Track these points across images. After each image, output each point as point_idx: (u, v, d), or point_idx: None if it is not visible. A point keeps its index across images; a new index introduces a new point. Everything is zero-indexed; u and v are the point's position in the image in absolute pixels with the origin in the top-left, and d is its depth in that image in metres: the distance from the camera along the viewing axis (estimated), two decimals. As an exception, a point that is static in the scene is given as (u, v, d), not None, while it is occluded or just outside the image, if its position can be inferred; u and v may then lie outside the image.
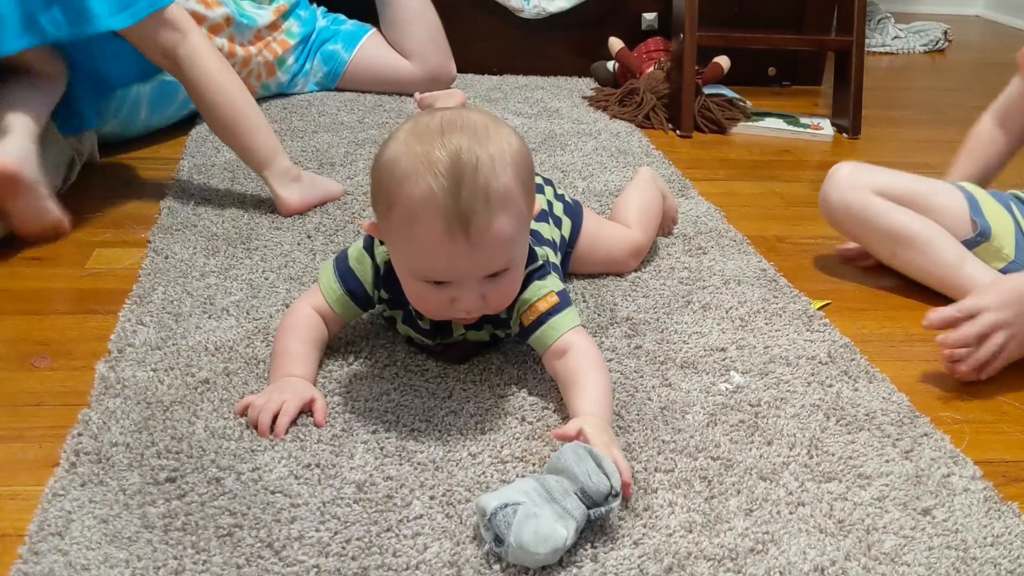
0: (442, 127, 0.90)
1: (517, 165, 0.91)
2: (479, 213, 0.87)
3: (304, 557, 0.78)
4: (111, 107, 1.69)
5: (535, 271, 1.02)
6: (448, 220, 0.87)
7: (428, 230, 0.88)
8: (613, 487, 0.80)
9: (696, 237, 1.47)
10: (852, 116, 2.10)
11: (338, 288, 1.05)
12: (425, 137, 0.89)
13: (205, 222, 1.43)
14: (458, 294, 0.93)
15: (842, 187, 1.35)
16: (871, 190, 1.33)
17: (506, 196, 0.89)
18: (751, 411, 1.02)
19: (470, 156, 0.88)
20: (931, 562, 0.82)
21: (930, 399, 1.09)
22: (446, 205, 0.87)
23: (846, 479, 0.92)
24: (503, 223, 0.89)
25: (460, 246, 0.89)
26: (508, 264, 0.94)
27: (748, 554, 0.82)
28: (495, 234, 0.89)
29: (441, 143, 0.88)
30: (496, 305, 0.96)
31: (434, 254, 0.90)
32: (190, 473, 0.87)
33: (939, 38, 3.23)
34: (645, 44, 2.30)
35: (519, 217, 0.92)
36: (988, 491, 0.91)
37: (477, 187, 0.87)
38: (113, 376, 1.02)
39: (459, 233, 0.88)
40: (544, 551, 0.76)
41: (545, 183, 1.26)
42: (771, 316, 1.23)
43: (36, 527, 0.80)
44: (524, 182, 0.92)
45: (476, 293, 0.94)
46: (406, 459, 0.91)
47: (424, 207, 0.88)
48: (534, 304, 1.01)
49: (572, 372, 0.97)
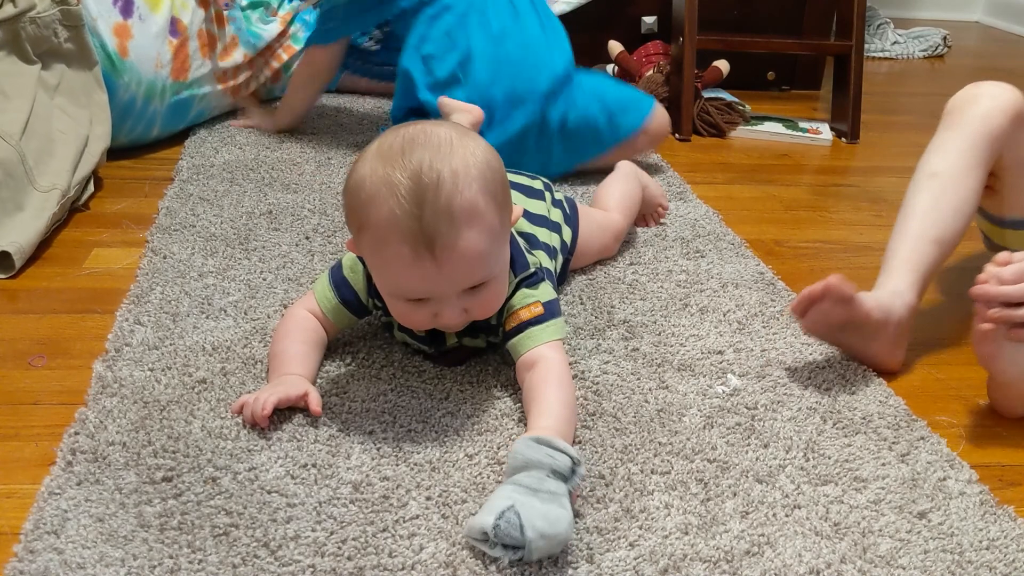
0: (403, 147, 0.89)
1: (484, 179, 0.90)
2: (443, 232, 0.87)
3: (300, 557, 0.78)
4: (126, 125, 1.70)
5: (525, 279, 1.02)
6: (414, 242, 0.87)
7: (396, 252, 0.89)
8: (573, 458, 0.81)
9: (694, 240, 1.47)
10: (851, 120, 2.11)
11: (333, 297, 1.05)
12: (388, 157, 0.89)
13: (203, 223, 1.43)
14: (439, 309, 0.94)
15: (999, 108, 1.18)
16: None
17: (472, 212, 0.88)
18: (748, 414, 1.02)
19: (431, 174, 0.87)
20: (927, 565, 0.82)
21: (927, 403, 1.09)
22: (410, 227, 0.87)
23: (842, 482, 0.92)
24: (471, 239, 0.89)
25: (428, 266, 0.89)
26: (485, 278, 0.93)
27: (744, 556, 0.82)
28: (462, 251, 0.89)
29: (403, 163, 0.88)
30: (480, 315, 0.97)
31: (406, 275, 0.91)
32: (186, 472, 0.87)
33: (938, 44, 3.23)
34: (644, 47, 2.30)
35: (490, 230, 0.91)
36: (984, 495, 0.91)
37: (439, 206, 0.87)
38: (110, 375, 1.02)
39: (425, 253, 0.88)
40: (563, 529, 0.77)
41: (545, 188, 1.26)
42: (768, 319, 1.23)
43: (32, 525, 0.80)
44: (494, 194, 0.91)
45: (457, 308, 0.94)
46: (402, 460, 0.91)
47: (389, 230, 0.88)
48: (517, 311, 1.01)
49: (535, 386, 0.95)
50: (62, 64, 1.51)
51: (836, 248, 1.49)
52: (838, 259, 1.47)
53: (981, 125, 1.17)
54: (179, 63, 1.76)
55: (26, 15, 1.44)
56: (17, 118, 1.38)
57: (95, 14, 1.63)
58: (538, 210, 1.20)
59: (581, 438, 0.96)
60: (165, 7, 1.75)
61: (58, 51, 1.50)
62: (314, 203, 1.53)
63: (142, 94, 1.71)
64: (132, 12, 1.70)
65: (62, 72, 1.51)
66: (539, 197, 1.23)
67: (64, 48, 1.50)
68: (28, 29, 1.44)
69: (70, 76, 1.52)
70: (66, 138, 1.46)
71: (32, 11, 1.44)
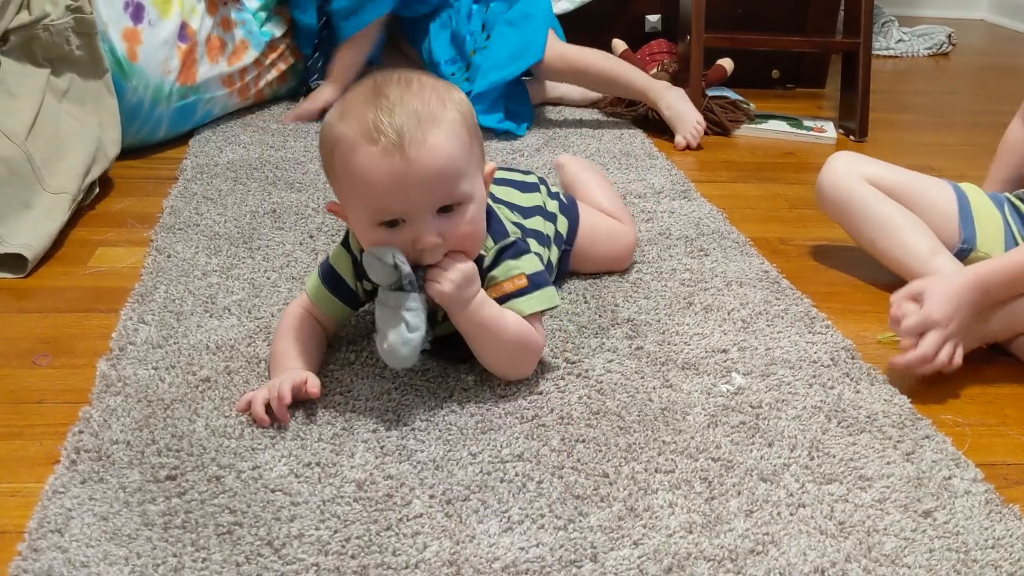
0: (374, 79, 0.95)
1: (453, 100, 0.94)
2: (412, 128, 0.90)
3: (304, 555, 0.78)
4: (133, 127, 1.70)
5: (507, 248, 1.02)
6: (385, 140, 0.89)
7: (366, 154, 0.91)
8: (396, 263, 0.93)
9: (698, 239, 1.47)
10: (859, 118, 2.10)
11: (322, 288, 1.05)
12: (361, 89, 0.95)
13: (207, 221, 1.43)
14: (416, 233, 0.93)
15: (835, 173, 1.38)
16: (863, 178, 1.35)
17: (440, 117, 0.92)
18: (752, 412, 1.02)
19: (398, 89, 0.92)
20: (932, 564, 0.82)
21: (932, 401, 1.08)
22: (378, 125, 0.90)
23: (847, 481, 0.92)
24: (440, 138, 0.91)
25: (398, 164, 0.90)
26: (459, 197, 0.94)
27: (748, 555, 0.81)
28: (431, 149, 0.90)
29: (372, 94, 0.93)
30: (456, 243, 0.96)
31: (377, 180, 0.91)
32: (190, 471, 0.87)
33: (943, 42, 3.22)
34: (648, 46, 2.30)
35: (459, 139, 0.93)
36: (989, 494, 0.91)
37: (409, 108, 0.90)
38: (114, 374, 1.02)
39: (395, 151, 0.89)
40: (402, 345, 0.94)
41: (540, 182, 1.26)
42: (773, 318, 1.23)
43: (36, 524, 0.80)
44: (463, 115, 0.94)
45: (432, 229, 0.94)
46: (406, 458, 0.91)
47: (359, 134, 0.91)
48: (501, 283, 1.01)
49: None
50: (72, 71, 1.52)
51: (841, 247, 1.48)
52: (843, 258, 1.46)
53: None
54: (187, 68, 1.77)
55: (40, 22, 1.45)
56: (23, 118, 1.38)
57: (105, 19, 1.64)
58: (532, 202, 1.20)
59: (585, 437, 0.96)
60: (175, 13, 1.75)
61: (69, 58, 1.51)
62: (318, 202, 1.53)
63: (149, 97, 1.71)
64: (142, 17, 1.70)
65: (72, 79, 1.52)
66: (533, 190, 1.23)
67: (75, 55, 1.51)
68: (41, 36, 1.45)
69: (80, 83, 1.53)
70: (76, 141, 1.46)
71: (46, 19, 1.45)
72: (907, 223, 1.32)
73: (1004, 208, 1.33)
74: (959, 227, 1.32)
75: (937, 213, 1.33)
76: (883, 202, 1.33)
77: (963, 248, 1.31)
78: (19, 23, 1.42)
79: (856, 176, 1.35)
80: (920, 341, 1.07)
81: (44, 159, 1.37)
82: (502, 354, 1.02)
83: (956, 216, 1.32)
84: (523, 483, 0.88)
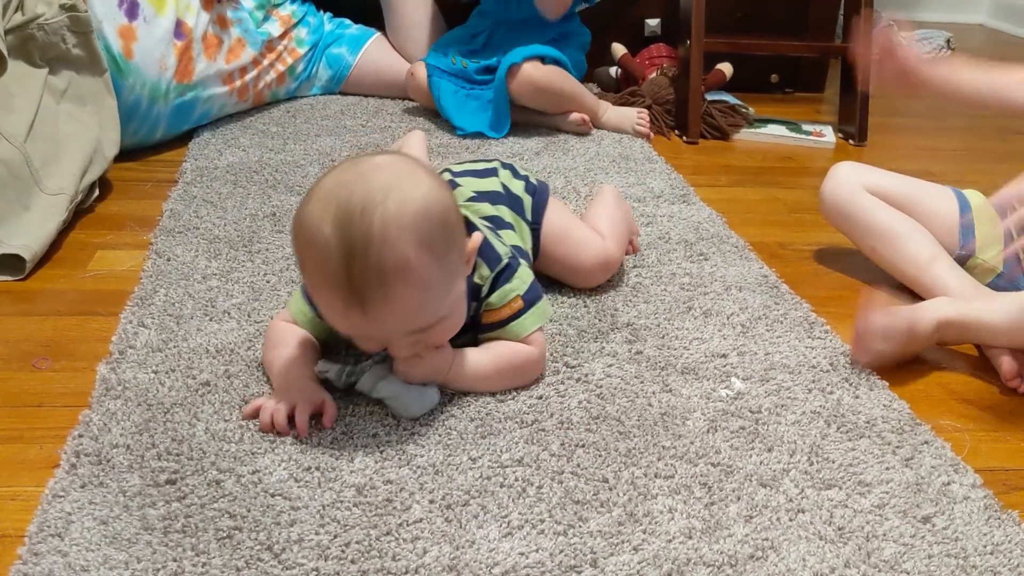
0: (339, 192, 0.87)
1: (419, 230, 0.86)
2: (373, 289, 0.86)
3: (303, 560, 0.78)
4: (131, 127, 1.70)
5: (501, 272, 1.02)
6: (344, 297, 0.87)
7: (328, 303, 0.90)
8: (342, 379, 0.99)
9: (697, 243, 1.47)
10: (858, 122, 2.10)
11: (308, 311, 1.04)
12: (325, 203, 0.87)
13: (207, 225, 1.43)
14: (388, 346, 0.95)
15: (838, 183, 1.38)
16: (864, 187, 1.36)
17: (404, 268, 0.86)
18: (752, 417, 1.02)
19: (361, 228, 0.85)
20: (931, 570, 0.82)
21: (931, 407, 1.09)
22: (339, 283, 0.86)
23: (846, 486, 0.92)
24: (402, 295, 0.87)
25: (359, 320, 0.89)
26: (428, 323, 0.93)
27: (748, 560, 0.81)
28: (393, 307, 0.88)
29: (334, 215, 0.85)
30: (435, 343, 0.97)
31: (342, 323, 0.92)
32: (190, 475, 0.87)
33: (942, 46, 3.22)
34: (648, 50, 2.30)
35: (425, 283, 0.88)
36: (988, 499, 0.91)
37: (368, 264, 0.85)
38: (114, 378, 1.02)
39: (356, 309, 0.87)
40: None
41: (502, 167, 1.24)
42: (772, 323, 1.23)
43: (36, 528, 0.80)
44: (430, 245, 0.88)
45: (405, 344, 0.94)
46: (406, 463, 0.91)
47: (321, 281, 0.89)
48: (499, 310, 1.02)
49: (493, 345, 1.03)
50: (71, 70, 1.52)
51: (840, 251, 1.48)
52: (842, 262, 1.47)
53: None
54: (183, 65, 1.77)
55: (34, 22, 1.44)
56: (22, 119, 1.38)
57: (100, 16, 1.64)
58: (490, 187, 1.19)
59: (585, 441, 0.96)
60: (170, 9, 1.75)
61: (66, 57, 1.51)
62: (318, 205, 1.53)
63: (147, 96, 1.71)
64: (137, 14, 1.70)
65: (70, 78, 1.52)
66: (491, 175, 1.21)
67: (72, 54, 1.51)
68: (37, 36, 1.45)
69: (78, 82, 1.53)
70: (74, 142, 1.46)
71: (40, 18, 1.45)
72: (906, 230, 1.32)
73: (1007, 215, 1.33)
74: (959, 233, 1.33)
75: (938, 219, 1.33)
76: (884, 210, 1.34)
77: (962, 254, 1.32)
78: (13, 24, 1.42)
79: (858, 186, 1.36)
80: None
81: (42, 161, 1.37)
82: (501, 385, 1.03)
83: (957, 218, 1.33)
84: (523, 488, 0.88)
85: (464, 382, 1.01)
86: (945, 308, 1.18)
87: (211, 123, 1.90)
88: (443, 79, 1.99)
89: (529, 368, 1.04)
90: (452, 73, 2.00)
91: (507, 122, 1.94)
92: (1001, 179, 1.47)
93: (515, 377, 1.04)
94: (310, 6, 2.12)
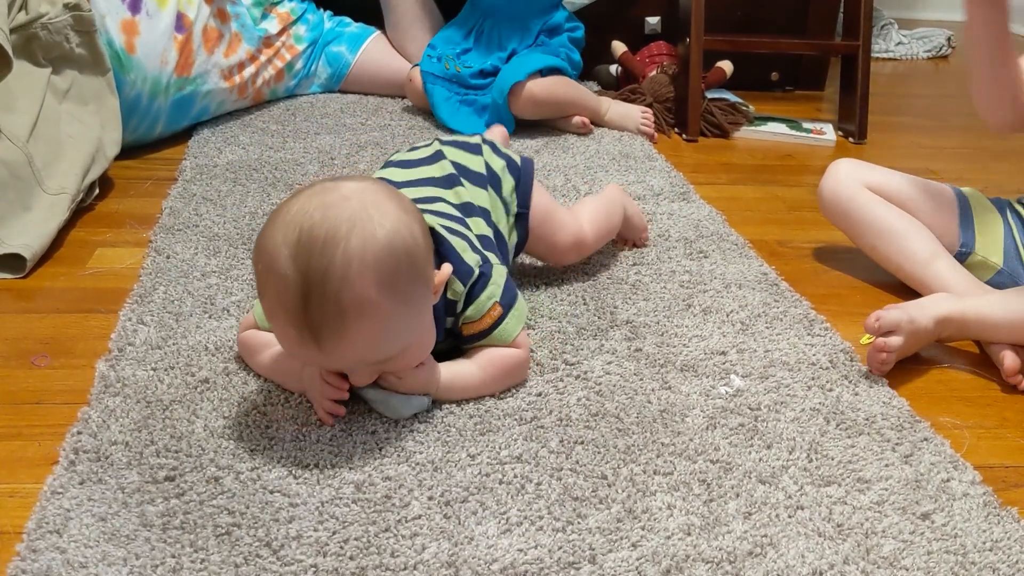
0: (302, 223, 0.85)
1: (380, 268, 0.84)
2: (329, 327, 0.84)
3: (302, 556, 0.78)
4: (131, 122, 1.70)
5: (475, 283, 1.00)
6: (299, 331, 0.85)
7: (283, 332, 0.88)
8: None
9: (697, 241, 1.47)
10: (858, 121, 2.10)
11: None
12: (288, 234, 0.85)
13: (207, 222, 1.43)
14: (348, 374, 0.94)
15: (837, 181, 1.39)
16: (864, 185, 1.36)
17: (361, 306, 0.84)
18: (751, 415, 1.02)
19: (320, 263, 0.83)
20: (930, 566, 0.82)
21: (930, 404, 1.09)
22: (295, 315, 0.84)
23: (845, 483, 0.92)
24: (359, 331, 0.85)
25: (314, 353, 0.87)
26: (389, 356, 0.91)
27: (746, 557, 0.81)
28: (350, 344, 0.86)
29: (295, 246, 0.84)
30: (399, 371, 0.95)
31: (297, 354, 0.91)
32: (189, 472, 0.87)
33: (942, 44, 3.23)
34: (648, 48, 2.30)
35: (384, 321, 0.86)
36: (987, 496, 0.91)
37: (326, 302, 0.83)
38: (113, 375, 1.02)
39: (311, 343, 0.86)
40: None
41: (483, 142, 1.23)
42: (772, 320, 1.23)
43: (34, 525, 0.80)
44: (392, 283, 0.85)
45: (364, 374, 0.93)
46: (405, 459, 0.91)
47: (277, 310, 0.86)
48: (478, 321, 1.01)
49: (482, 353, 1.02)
50: (74, 70, 1.52)
51: (839, 249, 1.48)
52: (841, 260, 1.47)
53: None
54: (183, 59, 1.76)
55: (38, 21, 1.44)
56: (25, 120, 1.38)
57: (103, 11, 1.64)
58: (476, 167, 1.18)
59: (584, 438, 0.96)
60: (172, 3, 1.75)
61: (70, 56, 1.51)
62: (317, 203, 1.53)
63: (147, 91, 1.71)
64: (140, 8, 1.70)
65: (73, 77, 1.52)
66: (476, 152, 1.20)
67: (76, 53, 1.51)
68: (40, 35, 1.45)
69: (81, 81, 1.53)
70: (75, 142, 1.46)
71: (44, 17, 1.45)
72: (906, 228, 1.33)
73: (1006, 212, 1.34)
74: (959, 231, 1.33)
75: (938, 217, 1.34)
76: (883, 208, 1.34)
77: (962, 251, 1.32)
78: (17, 23, 1.42)
79: (857, 183, 1.36)
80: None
81: (44, 161, 1.38)
82: (491, 391, 1.03)
83: (956, 216, 1.33)
84: (522, 485, 0.88)
85: (455, 395, 1.00)
86: (945, 304, 1.17)
87: (211, 121, 1.91)
88: (436, 85, 1.98)
89: (518, 371, 1.04)
90: (446, 79, 1.99)
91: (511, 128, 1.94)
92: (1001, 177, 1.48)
93: (505, 381, 1.03)
94: (310, 4, 2.12)
